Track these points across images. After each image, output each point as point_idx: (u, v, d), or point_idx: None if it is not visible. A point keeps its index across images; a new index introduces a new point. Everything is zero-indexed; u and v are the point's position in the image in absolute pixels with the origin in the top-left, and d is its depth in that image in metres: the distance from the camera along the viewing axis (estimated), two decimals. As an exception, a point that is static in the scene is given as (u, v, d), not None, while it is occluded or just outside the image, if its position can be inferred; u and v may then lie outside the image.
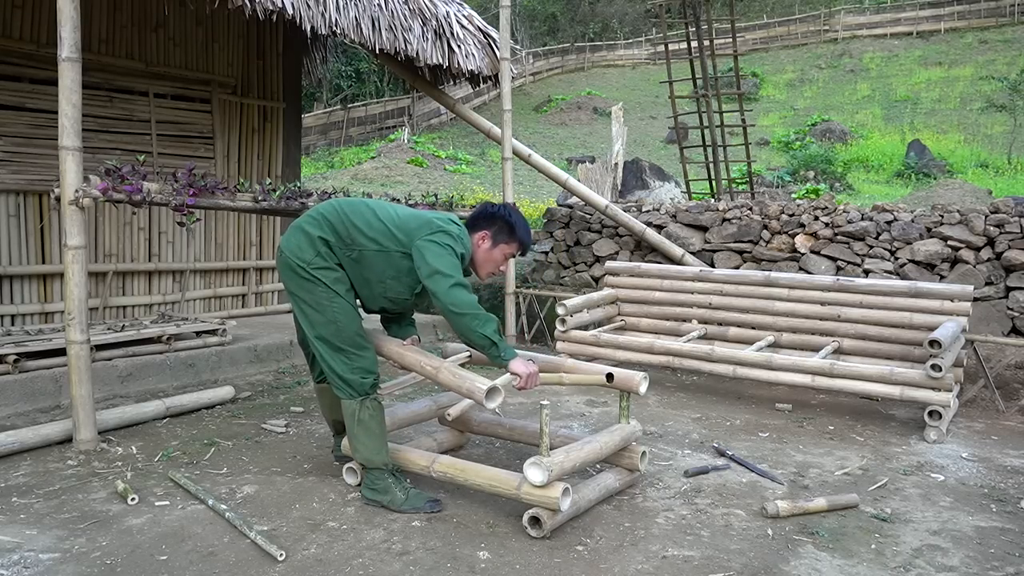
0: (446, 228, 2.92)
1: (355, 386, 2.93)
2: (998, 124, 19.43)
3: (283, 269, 2.99)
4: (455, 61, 5.74)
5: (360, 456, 2.99)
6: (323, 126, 23.53)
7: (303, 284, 2.92)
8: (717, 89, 9.32)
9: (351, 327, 2.94)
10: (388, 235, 2.93)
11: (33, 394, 4.15)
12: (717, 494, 3.28)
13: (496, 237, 3.05)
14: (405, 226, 2.94)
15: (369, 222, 2.95)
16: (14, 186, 5.02)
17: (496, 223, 3.05)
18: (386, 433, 3.05)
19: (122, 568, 2.47)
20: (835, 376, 4.36)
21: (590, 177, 8.22)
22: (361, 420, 2.94)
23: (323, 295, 2.90)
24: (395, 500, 2.94)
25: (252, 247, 6.47)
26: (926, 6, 29.69)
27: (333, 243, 2.93)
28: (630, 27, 36.05)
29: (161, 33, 5.74)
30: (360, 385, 2.94)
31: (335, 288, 2.91)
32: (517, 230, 3.05)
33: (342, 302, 2.93)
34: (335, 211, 2.98)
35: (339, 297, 2.92)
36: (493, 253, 3.07)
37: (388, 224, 2.95)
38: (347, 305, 2.94)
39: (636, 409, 4.38)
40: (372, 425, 2.96)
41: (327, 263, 2.92)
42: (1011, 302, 5.26)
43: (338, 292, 2.92)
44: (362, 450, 2.98)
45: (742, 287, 5.27)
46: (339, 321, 2.92)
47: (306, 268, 2.90)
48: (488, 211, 3.07)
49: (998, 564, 2.71)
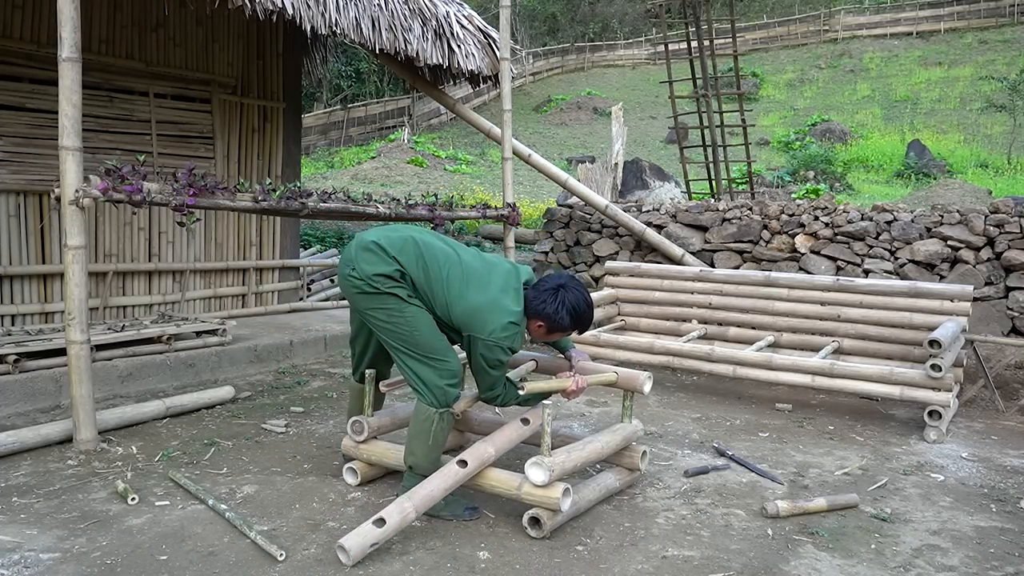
0: (499, 341, 2.82)
1: (439, 395, 2.88)
2: (998, 124, 19.44)
3: (349, 287, 2.92)
4: (455, 61, 5.73)
5: (414, 460, 2.94)
6: (323, 126, 23.54)
7: (374, 299, 2.86)
8: (717, 89, 9.33)
9: (430, 333, 2.89)
10: (445, 309, 2.89)
11: (33, 394, 4.15)
12: (717, 494, 3.28)
13: (551, 328, 2.98)
14: (466, 316, 2.85)
15: (436, 291, 2.89)
16: (14, 186, 5.02)
17: (549, 321, 2.94)
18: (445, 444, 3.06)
19: (122, 568, 2.47)
20: (835, 376, 4.37)
21: (590, 177, 8.22)
22: (434, 431, 2.89)
23: (394, 306, 2.86)
24: (435, 506, 2.88)
25: (252, 247, 6.47)
26: (926, 6, 29.71)
27: (408, 277, 2.90)
28: (630, 27, 36.05)
29: (161, 33, 5.74)
30: (445, 395, 2.89)
31: (409, 301, 2.88)
32: (569, 325, 2.97)
33: (416, 310, 2.88)
34: (412, 261, 2.90)
35: (413, 306, 2.88)
36: (551, 335, 3.07)
37: (450, 303, 2.87)
38: (422, 312, 2.89)
39: (636, 409, 4.37)
40: (441, 438, 2.93)
41: (399, 284, 2.88)
42: (1011, 302, 5.26)
43: (411, 303, 2.88)
44: (420, 456, 2.92)
45: (742, 287, 5.27)
46: (417, 329, 2.87)
47: (378, 287, 2.84)
48: (542, 311, 2.92)
49: (998, 564, 2.71)
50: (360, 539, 2.50)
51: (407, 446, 2.96)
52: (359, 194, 5.01)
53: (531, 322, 2.98)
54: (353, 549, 2.48)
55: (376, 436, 3.23)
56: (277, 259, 6.67)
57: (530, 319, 2.97)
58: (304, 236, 9.41)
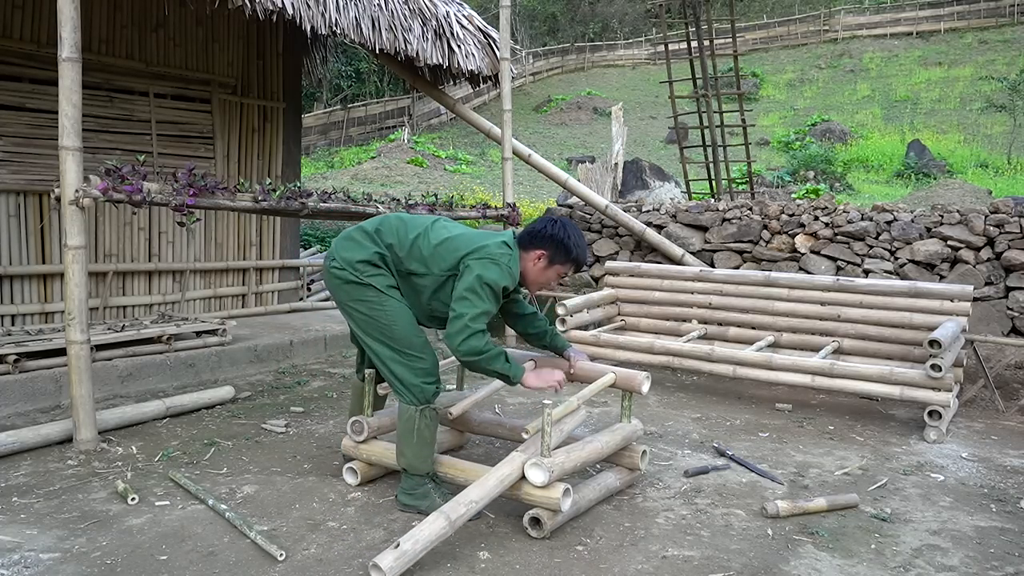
0: (495, 257, 2.81)
1: (417, 393, 2.88)
2: (998, 124, 19.43)
3: (332, 279, 2.93)
4: (455, 61, 5.74)
5: (406, 462, 2.94)
6: (323, 126, 23.53)
7: (353, 290, 2.87)
8: (717, 89, 9.33)
9: (408, 329, 2.88)
10: (436, 258, 2.87)
11: (33, 394, 4.15)
12: (717, 494, 3.28)
13: (552, 259, 2.96)
14: (455, 247, 2.87)
15: (421, 245, 2.89)
16: (14, 186, 5.02)
17: (552, 244, 2.94)
18: (436, 441, 3.01)
19: (122, 568, 2.47)
20: (835, 376, 4.36)
21: (590, 177, 8.23)
22: (418, 429, 2.89)
23: (374, 298, 2.86)
24: (433, 506, 2.83)
25: (252, 247, 6.47)
26: (926, 6, 29.71)
27: (388, 258, 2.90)
28: (630, 27, 36.05)
29: (161, 33, 5.74)
30: (422, 392, 2.88)
31: (387, 292, 2.87)
32: (574, 250, 2.96)
33: (396, 304, 2.88)
34: (393, 230, 2.92)
35: (392, 299, 2.87)
36: (547, 273, 2.99)
37: (438, 246, 2.88)
38: (401, 306, 2.89)
39: (636, 409, 4.37)
40: (427, 434, 2.92)
41: (379, 270, 2.88)
42: (1011, 302, 5.26)
43: (391, 295, 2.87)
44: (410, 456, 2.92)
45: (742, 287, 5.27)
46: (395, 323, 2.86)
47: (359, 275, 2.85)
48: (547, 231, 2.93)
49: (998, 564, 2.71)
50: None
51: (396, 448, 2.98)
52: (359, 194, 5.02)
53: (530, 254, 2.94)
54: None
55: (376, 436, 3.23)
56: (277, 259, 6.67)
57: (529, 250, 2.94)
58: (304, 236, 9.41)
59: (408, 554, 2.37)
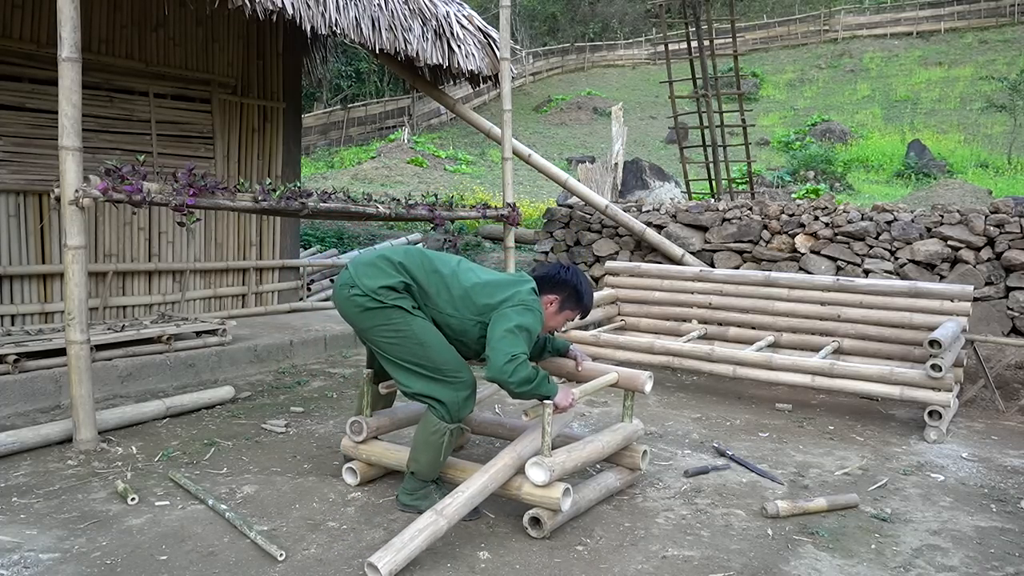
0: (528, 304, 2.85)
1: (454, 411, 2.86)
2: (998, 124, 19.43)
3: (350, 307, 2.87)
4: (455, 61, 5.73)
5: (417, 467, 2.93)
6: (323, 126, 23.53)
7: (377, 316, 2.83)
8: (717, 89, 9.33)
9: (442, 345, 2.86)
10: (467, 301, 2.88)
11: (33, 394, 4.15)
12: (717, 494, 3.28)
13: (564, 304, 3.06)
14: (488, 294, 2.88)
15: (450, 285, 2.89)
16: (14, 186, 5.02)
17: (566, 290, 3.04)
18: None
19: (122, 568, 2.47)
20: (835, 376, 4.36)
21: (590, 177, 8.22)
22: (444, 446, 2.87)
23: (400, 319, 2.82)
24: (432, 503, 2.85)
25: (252, 247, 6.47)
26: (926, 6, 29.70)
27: (413, 289, 2.88)
28: (630, 27, 36.06)
29: (161, 33, 5.74)
30: (459, 410, 2.87)
31: (413, 312, 2.84)
32: (584, 297, 3.07)
33: (423, 323, 2.84)
34: (418, 264, 2.91)
35: (418, 319, 2.84)
36: (558, 317, 3.09)
37: (469, 289, 2.89)
38: (429, 325, 2.86)
39: (636, 409, 4.37)
40: (448, 451, 2.92)
41: (403, 296, 2.85)
42: (1011, 302, 5.26)
43: (417, 315, 2.84)
44: (423, 464, 2.91)
45: (742, 287, 5.27)
46: (428, 342, 2.82)
47: (382, 299, 2.81)
48: (560, 277, 3.05)
49: (998, 564, 2.71)
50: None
51: (412, 452, 2.95)
52: (359, 194, 5.01)
53: (544, 298, 3.02)
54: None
55: (376, 436, 3.23)
56: (277, 259, 6.67)
57: (543, 294, 3.02)
58: (304, 236, 9.42)
59: (395, 546, 2.40)
